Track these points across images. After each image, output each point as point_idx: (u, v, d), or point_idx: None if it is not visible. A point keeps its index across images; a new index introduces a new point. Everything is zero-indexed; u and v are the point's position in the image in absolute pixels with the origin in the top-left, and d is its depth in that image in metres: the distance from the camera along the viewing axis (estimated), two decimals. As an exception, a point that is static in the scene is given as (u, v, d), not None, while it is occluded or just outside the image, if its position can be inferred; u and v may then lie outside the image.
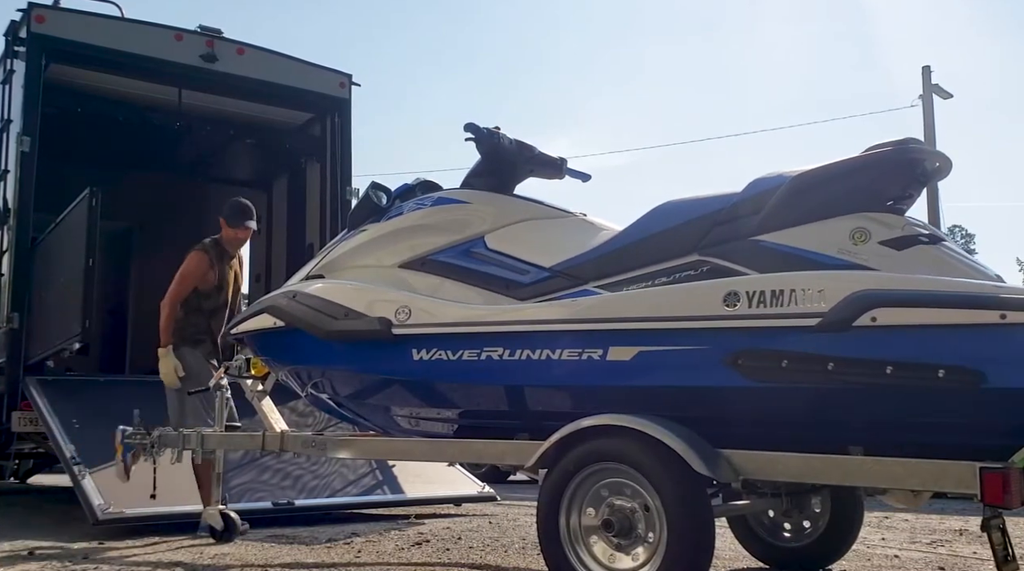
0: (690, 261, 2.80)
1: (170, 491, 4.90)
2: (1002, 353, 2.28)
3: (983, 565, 3.75)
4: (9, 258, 6.35)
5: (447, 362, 3.15)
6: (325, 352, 3.48)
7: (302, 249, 7.93)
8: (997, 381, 2.26)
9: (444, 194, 3.52)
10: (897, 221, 2.58)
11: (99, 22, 6.69)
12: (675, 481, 2.53)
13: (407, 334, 3.22)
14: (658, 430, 2.57)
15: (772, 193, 2.70)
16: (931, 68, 18.32)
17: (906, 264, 2.50)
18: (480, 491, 5.86)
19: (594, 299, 2.93)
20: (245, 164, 9.28)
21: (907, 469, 2.34)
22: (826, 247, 2.59)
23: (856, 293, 2.40)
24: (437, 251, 3.36)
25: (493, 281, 3.21)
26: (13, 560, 3.77)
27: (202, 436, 4.11)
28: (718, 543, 4.27)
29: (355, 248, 3.62)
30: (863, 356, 2.40)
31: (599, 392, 2.87)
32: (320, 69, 7.44)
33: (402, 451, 3.81)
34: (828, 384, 2.45)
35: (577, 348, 2.87)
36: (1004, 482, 2.17)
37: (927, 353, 2.33)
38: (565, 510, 2.75)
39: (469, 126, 3.46)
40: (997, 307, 2.27)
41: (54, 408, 5.45)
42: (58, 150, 6.92)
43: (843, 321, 2.40)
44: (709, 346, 2.62)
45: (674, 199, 2.98)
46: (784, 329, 2.51)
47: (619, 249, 2.98)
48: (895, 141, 2.64)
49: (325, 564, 3.69)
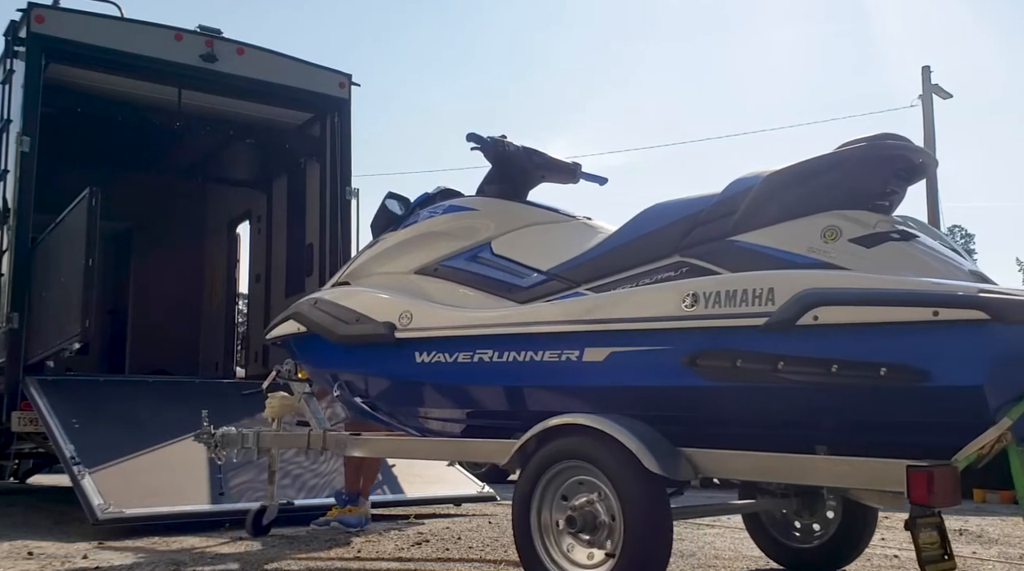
0: (671, 262, 2.83)
1: (170, 491, 4.91)
2: (939, 350, 2.24)
3: (983, 565, 3.75)
4: (9, 258, 6.35)
5: (445, 364, 3.27)
6: (341, 355, 3.67)
7: (302, 249, 7.94)
8: (938, 379, 2.24)
9: (455, 202, 3.63)
10: (870, 218, 2.55)
11: (99, 22, 6.69)
12: (630, 478, 2.57)
13: (409, 338, 3.36)
14: (615, 428, 2.62)
15: (748, 193, 2.72)
16: (931, 68, 18.32)
17: (875, 261, 2.47)
18: (480, 491, 5.87)
19: (571, 301, 3.02)
20: (245, 164, 9.29)
21: (851, 468, 2.34)
22: (796, 246, 2.59)
23: (801, 292, 2.41)
24: (448, 257, 3.50)
25: (497, 285, 3.31)
26: (13, 560, 3.77)
27: (259, 435, 4.27)
28: (719, 543, 4.30)
29: (376, 256, 3.77)
30: (809, 355, 2.40)
31: (580, 392, 2.96)
32: (320, 69, 7.44)
33: (404, 450, 3.95)
34: (779, 384, 2.46)
35: (557, 349, 2.96)
36: (929, 481, 2.16)
37: (868, 351, 2.32)
38: (536, 507, 2.84)
39: (471, 136, 3.57)
40: (930, 304, 2.24)
41: (54, 408, 5.44)
42: (58, 150, 6.93)
43: (788, 320, 2.41)
44: (671, 347, 2.67)
45: (662, 201, 3.01)
46: (736, 329, 2.53)
47: (608, 252, 3.04)
48: (868, 136, 2.63)
49: (325, 564, 3.69)
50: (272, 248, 8.74)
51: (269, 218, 8.86)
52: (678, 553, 3.95)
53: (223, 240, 10.15)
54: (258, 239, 9.20)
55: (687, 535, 4.53)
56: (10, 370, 6.06)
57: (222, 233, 10.16)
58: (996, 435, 2.22)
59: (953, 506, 2.25)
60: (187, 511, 4.80)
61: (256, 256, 9.21)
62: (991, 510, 6.51)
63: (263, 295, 8.83)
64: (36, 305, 6.22)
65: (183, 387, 7.12)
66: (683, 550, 4.03)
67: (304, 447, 4.06)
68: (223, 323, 9.96)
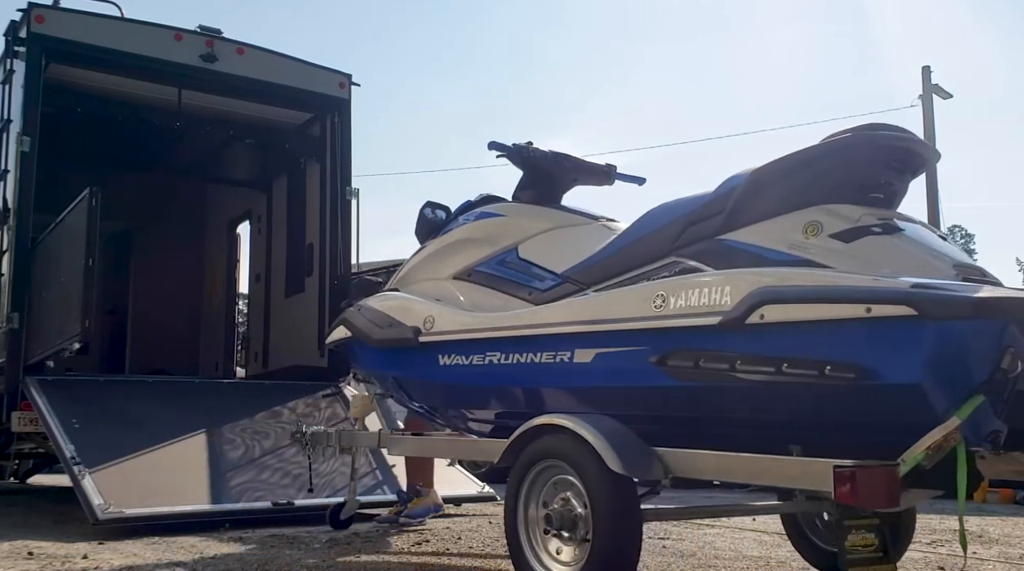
0: (667, 263, 2.84)
1: (170, 491, 4.91)
2: (877, 348, 2.20)
3: (983, 565, 3.75)
4: (9, 258, 6.34)
5: (463, 366, 3.39)
6: (380, 358, 3.88)
7: (302, 249, 7.94)
8: (879, 377, 2.20)
9: (486, 209, 3.72)
10: (855, 212, 2.49)
11: (99, 22, 6.69)
12: (599, 478, 2.59)
13: (431, 341, 3.50)
14: (583, 428, 2.64)
15: (735, 190, 2.70)
16: (931, 68, 18.32)
17: (853, 256, 2.42)
18: (480, 491, 5.87)
19: (565, 304, 3.07)
20: (245, 164, 9.29)
21: (801, 468, 2.31)
22: (778, 243, 2.56)
23: (751, 291, 2.40)
24: (480, 262, 3.61)
25: (520, 288, 3.40)
26: (13, 560, 3.77)
27: (340, 434, 4.48)
28: (719, 543, 4.30)
29: (419, 262, 3.93)
30: (762, 354, 2.39)
31: (574, 393, 3.02)
32: (320, 69, 7.43)
33: (429, 449, 4.30)
34: (739, 383, 2.46)
35: (553, 351, 3.02)
36: (852, 482, 2.12)
37: (813, 349, 2.30)
38: (523, 505, 2.89)
39: (493, 144, 3.66)
40: (863, 300, 2.20)
41: (54, 408, 5.44)
42: (58, 150, 6.92)
43: (738, 319, 2.40)
44: (644, 347, 2.69)
45: (665, 202, 3.02)
46: (696, 329, 2.53)
47: (613, 254, 3.07)
48: (855, 126, 2.57)
49: (325, 564, 3.69)
50: (272, 248, 8.74)
51: (269, 218, 8.86)
52: (678, 553, 3.95)
53: (223, 240, 10.15)
54: (258, 239, 9.19)
55: (687, 535, 4.53)
56: (10, 370, 6.05)
57: (222, 233, 10.16)
58: (942, 435, 2.13)
59: (891, 508, 2.18)
60: (187, 511, 4.80)
61: (256, 256, 9.21)
62: (991, 510, 6.51)
63: (263, 295, 8.83)
64: (36, 305, 6.22)
65: (183, 387, 7.11)
66: (683, 550, 4.03)
67: (375, 446, 4.29)
68: (223, 323, 9.96)
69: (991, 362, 2.15)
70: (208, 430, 5.70)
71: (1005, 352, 2.15)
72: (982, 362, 2.16)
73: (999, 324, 2.15)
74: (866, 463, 2.16)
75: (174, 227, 10.17)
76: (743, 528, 4.88)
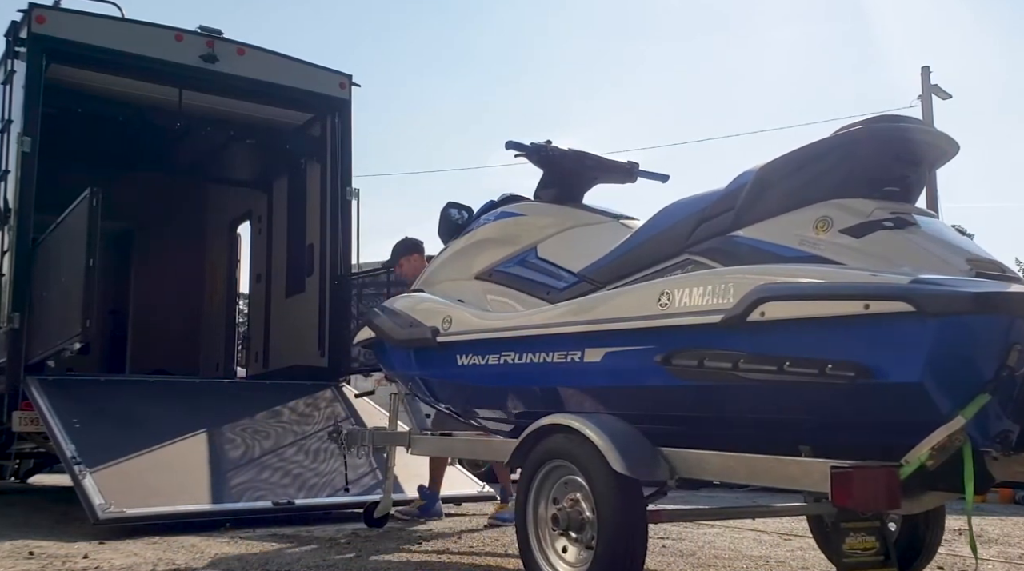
0: (680, 260, 2.82)
1: (171, 491, 4.91)
2: (877, 346, 2.14)
3: (983, 565, 3.75)
4: (10, 258, 6.35)
5: (480, 366, 3.40)
6: (402, 358, 3.91)
7: (302, 249, 7.94)
8: (881, 376, 2.14)
9: (506, 208, 3.71)
10: (867, 206, 2.41)
11: (99, 22, 6.69)
12: (604, 479, 2.58)
13: (448, 341, 3.51)
14: (588, 428, 2.64)
15: (745, 186, 2.66)
16: (931, 68, 18.29)
17: (864, 252, 2.35)
18: (480, 491, 5.87)
19: (572, 304, 3.05)
20: (245, 164, 9.29)
21: (801, 469, 2.28)
22: (788, 239, 2.51)
23: (753, 288, 2.35)
24: (501, 262, 3.60)
25: (538, 288, 3.39)
26: (14, 560, 3.77)
27: (373, 434, 4.54)
28: (719, 543, 4.30)
29: (442, 263, 3.95)
30: (764, 352, 2.35)
31: (586, 392, 3.01)
32: (320, 69, 7.44)
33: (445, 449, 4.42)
34: (743, 382, 2.41)
35: (564, 351, 3.00)
36: (849, 483, 2.08)
37: (813, 347, 2.25)
38: (532, 504, 2.90)
39: (511, 143, 3.62)
40: (861, 296, 2.14)
41: (54, 408, 5.44)
42: (59, 150, 6.93)
43: (739, 317, 2.36)
44: (650, 346, 2.66)
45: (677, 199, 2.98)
46: (699, 327, 2.49)
47: (627, 252, 3.05)
48: (866, 118, 2.52)
49: (325, 564, 3.69)
50: (273, 248, 8.75)
51: (270, 218, 8.87)
52: (678, 552, 3.95)
53: (224, 240, 10.15)
54: (259, 239, 9.20)
55: (687, 535, 4.53)
56: (11, 370, 6.05)
57: (223, 233, 10.17)
58: (946, 435, 2.08)
59: (891, 510, 2.15)
60: (188, 511, 4.80)
61: (257, 256, 9.22)
62: (991, 510, 6.52)
63: (264, 295, 8.84)
64: (37, 305, 6.22)
65: (184, 387, 7.12)
66: (683, 550, 4.03)
67: (406, 446, 4.31)
68: (224, 323, 9.97)
69: (996, 359, 2.09)
70: (209, 430, 5.71)
71: (1011, 349, 2.08)
72: (987, 359, 2.10)
73: (1004, 320, 2.09)
74: (864, 464, 2.13)
75: (175, 227, 10.17)
76: (742, 528, 4.89)
